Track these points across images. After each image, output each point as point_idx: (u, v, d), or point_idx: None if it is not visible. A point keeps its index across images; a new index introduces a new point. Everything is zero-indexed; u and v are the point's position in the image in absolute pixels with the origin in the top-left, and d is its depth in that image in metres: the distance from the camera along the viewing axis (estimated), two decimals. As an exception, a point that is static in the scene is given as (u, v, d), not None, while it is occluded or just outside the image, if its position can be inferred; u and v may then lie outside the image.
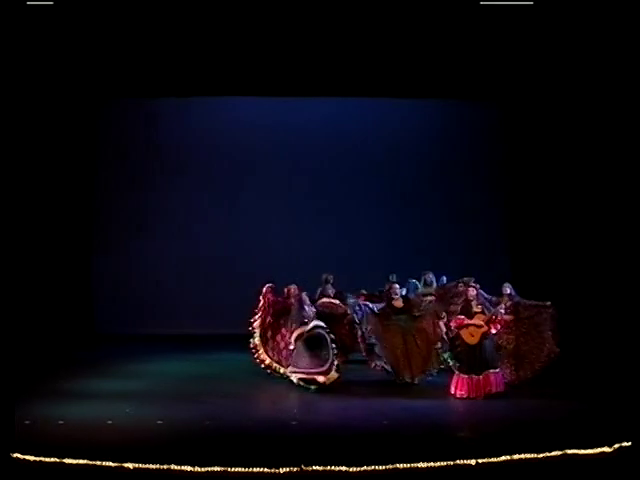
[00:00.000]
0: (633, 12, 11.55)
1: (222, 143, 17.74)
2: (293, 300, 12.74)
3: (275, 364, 12.71)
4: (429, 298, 12.67)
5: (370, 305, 12.62)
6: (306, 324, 12.16)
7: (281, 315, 12.83)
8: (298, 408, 10.99)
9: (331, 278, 13.79)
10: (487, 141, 17.85)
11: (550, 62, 14.19)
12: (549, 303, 12.32)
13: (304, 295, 12.74)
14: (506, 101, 17.06)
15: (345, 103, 17.33)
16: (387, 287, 13.01)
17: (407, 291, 13.50)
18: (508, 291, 12.47)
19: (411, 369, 12.27)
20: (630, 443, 8.94)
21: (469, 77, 15.11)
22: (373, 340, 12.25)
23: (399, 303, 12.60)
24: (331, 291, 13.59)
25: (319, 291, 13.62)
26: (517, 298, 12.49)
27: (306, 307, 12.44)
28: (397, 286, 12.78)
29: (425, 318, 12.44)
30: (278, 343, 12.76)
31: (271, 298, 12.83)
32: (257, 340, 12.73)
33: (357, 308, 12.47)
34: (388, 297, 12.70)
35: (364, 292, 13.88)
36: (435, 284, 13.82)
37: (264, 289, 12.83)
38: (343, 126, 17.77)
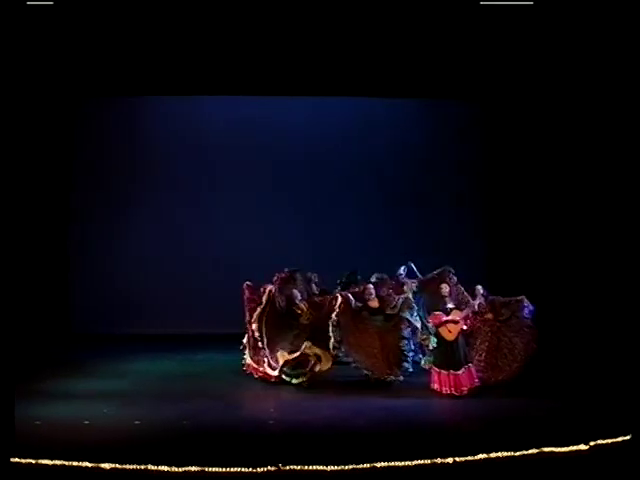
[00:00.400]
0: (627, 14, 11.64)
1: (200, 142, 17.62)
2: (278, 300, 12.74)
3: (253, 364, 12.66)
4: (403, 296, 12.45)
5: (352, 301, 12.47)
6: (295, 351, 12.17)
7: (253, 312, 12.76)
8: (276, 407, 10.96)
9: (315, 277, 13.63)
10: (468, 139, 17.83)
11: (533, 62, 14.21)
12: (522, 297, 12.31)
13: (295, 292, 12.69)
14: (488, 100, 17.07)
15: (326, 102, 17.26)
16: (361, 288, 12.77)
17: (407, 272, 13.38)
18: (481, 292, 12.45)
19: (390, 366, 12.15)
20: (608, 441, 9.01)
21: (452, 77, 15.09)
22: (341, 353, 12.20)
23: (375, 303, 12.47)
24: (316, 290, 13.47)
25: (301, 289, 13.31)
26: (491, 297, 12.48)
27: (297, 302, 12.51)
28: (371, 286, 12.60)
29: (395, 316, 12.26)
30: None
31: (248, 296, 12.80)
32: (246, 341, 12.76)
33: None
34: (363, 298, 12.51)
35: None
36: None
37: (244, 287, 12.84)
38: (323, 125, 17.70)
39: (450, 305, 11.92)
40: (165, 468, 8.13)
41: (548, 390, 11.91)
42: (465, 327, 11.83)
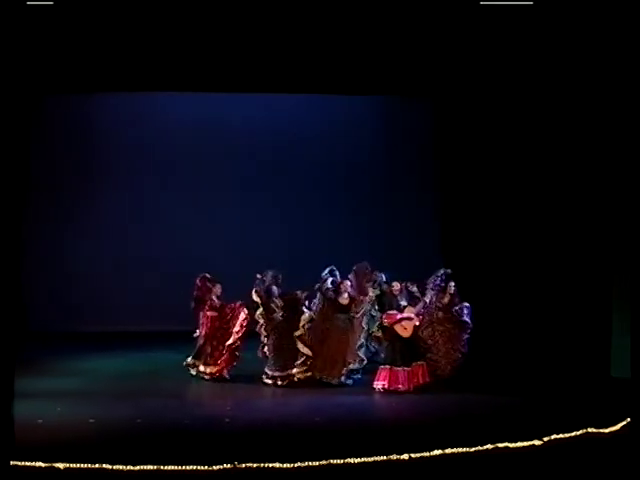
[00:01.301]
0: (627, 14, 11.65)
1: (161, 141, 17.38)
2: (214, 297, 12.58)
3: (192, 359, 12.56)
4: (369, 298, 12.27)
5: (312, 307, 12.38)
6: None
7: (199, 303, 12.65)
8: (232, 405, 10.84)
9: (279, 277, 12.72)
10: (420, 135, 17.87)
11: (487, 59, 14.27)
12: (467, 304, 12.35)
13: (274, 288, 12.33)
14: (442, 96, 17.08)
15: (276, 99, 17.15)
16: (338, 282, 12.46)
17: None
18: (452, 290, 12.39)
19: (333, 370, 12.00)
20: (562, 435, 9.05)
21: (403, 73, 15.07)
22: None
23: (345, 301, 12.27)
24: (276, 291, 12.58)
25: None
26: (457, 299, 12.46)
27: (274, 299, 12.27)
28: (348, 283, 12.35)
29: (358, 318, 12.10)
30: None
31: (198, 284, 12.68)
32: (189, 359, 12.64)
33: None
34: (336, 293, 12.29)
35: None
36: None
37: (197, 280, 12.71)
38: (279, 123, 17.62)
39: (403, 302, 11.91)
40: (121, 467, 8.01)
41: (499, 385, 11.96)
42: (418, 323, 11.83)
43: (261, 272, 12.51)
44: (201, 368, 12.43)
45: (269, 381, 12.03)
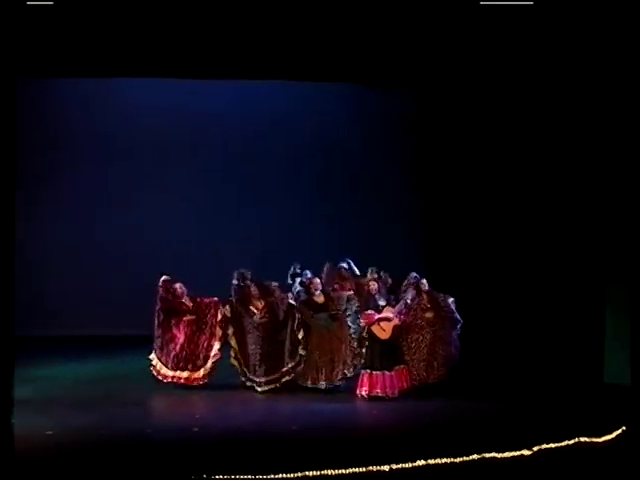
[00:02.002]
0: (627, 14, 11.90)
1: (117, 128, 17.27)
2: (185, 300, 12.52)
3: (163, 367, 12.45)
4: (347, 292, 12.36)
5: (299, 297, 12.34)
6: None
7: (170, 314, 12.52)
8: (201, 413, 10.84)
9: (249, 274, 12.75)
10: (402, 127, 17.89)
11: (471, 52, 14.41)
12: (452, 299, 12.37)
13: (254, 288, 12.30)
14: (424, 89, 17.13)
15: (247, 86, 17.10)
16: (306, 281, 12.53)
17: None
18: (426, 287, 12.40)
19: (322, 374, 12.01)
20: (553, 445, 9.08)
21: (385, 63, 15.12)
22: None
23: (320, 299, 12.24)
24: (255, 291, 12.47)
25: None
26: (435, 294, 12.45)
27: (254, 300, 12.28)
28: (318, 281, 12.34)
29: (341, 316, 12.09)
30: (166, 343, 12.49)
31: (162, 294, 12.53)
32: (153, 355, 12.50)
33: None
34: (308, 293, 12.30)
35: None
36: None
37: (159, 283, 12.58)
38: (252, 112, 17.56)
39: (381, 302, 11.89)
40: (79, 482, 7.95)
41: (485, 392, 12.02)
42: (399, 323, 11.81)
43: (240, 272, 12.50)
44: (179, 374, 12.31)
45: (260, 388, 12.03)
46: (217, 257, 16.36)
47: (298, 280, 12.71)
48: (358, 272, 13.30)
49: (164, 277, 12.61)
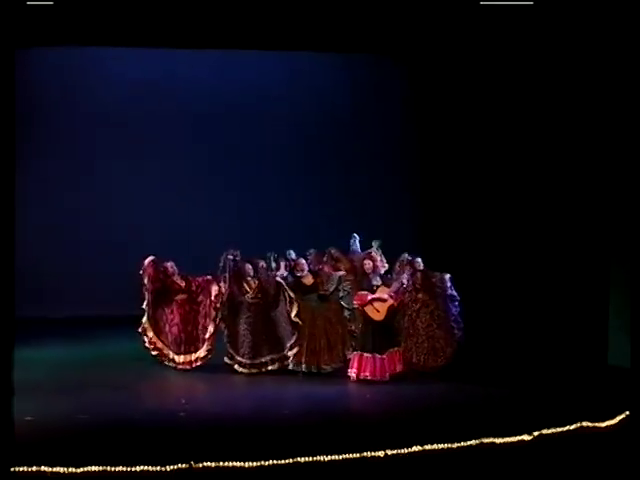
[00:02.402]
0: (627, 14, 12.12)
1: (90, 101, 17.10)
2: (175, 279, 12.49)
3: (165, 348, 12.43)
4: (340, 272, 12.23)
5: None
6: None
7: (162, 294, 12.52)
8: (187, 398, 10.74)
9: (238, 254, 12.68)
10: (396, 100, 17.83)
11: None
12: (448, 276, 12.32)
13: (248, 266, 12.27)
14: (418, 57, 17.10)
15: (241, 56, 16.99)
16: (291, 263, 12.47)
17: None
18: (421, 267, 12.34)
19: (318, 358, 11.98)
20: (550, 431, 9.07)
21: (377, 30, 15.09)
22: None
23: (309, 279, 12.20)
24: (250, 270, 12.45)
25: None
26: (429, 274, 12.40)
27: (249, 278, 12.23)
28: (304, 261, 12.29)
29: (333, 298, 12.09)
30: (162, 325, 12.50)
31: (152, 273, 12.50)
32: (145, 321, 12.47)
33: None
34: (294, 275, 12.25)
35: None
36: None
37: (145, 263, 12.53)
38: (237, 82, 17.45)
39: (375, 282, 11.83)
40: (61, 469, 7.88)
41: (483, 375, 11.99)
42: (395, 304, 11.77)
43: (232, 250, 12.46)
44: (177, 358, 12.38)
45: (240, 369, 12.05)
46: (199, 237, 16.34)
47: (283, 265, 12.59)
48: (360, 250, 13.17)
49: (151, 257, 12.58)
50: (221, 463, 8.09)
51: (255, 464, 8.11)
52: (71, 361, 12.82)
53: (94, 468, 7.92)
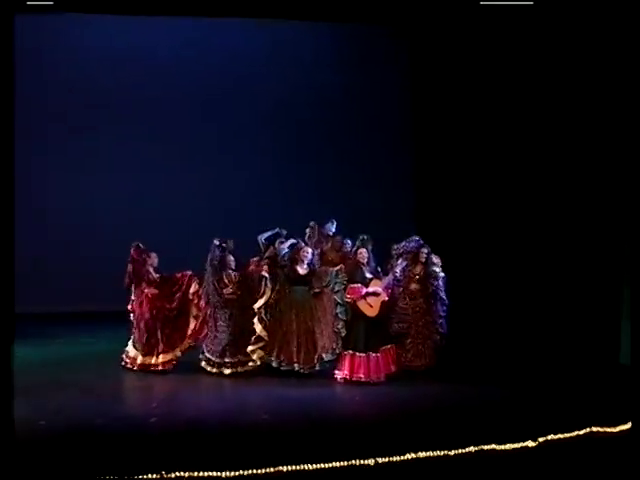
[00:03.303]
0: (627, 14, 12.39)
1: (69, 72, 17.07)
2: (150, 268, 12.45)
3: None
4: (336, 268, 12.05)
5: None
6: None
7: (136, 281, 12.52)
8: (159, 402, 10.72)
9: (231, 243, 12.62)
10: (392, 75, 17.88)
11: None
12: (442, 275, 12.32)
13: (230, 258, 12.23)
14: (415, 27, 17.15)
15: (222, 25, 16.91)
16: (297, 247, 12.29)
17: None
18: (424, 258, 12.24)
19: (299, 356, 11.90)
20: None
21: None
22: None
23: (304, 270, 12.08)
24: (232, 262, 12.41)
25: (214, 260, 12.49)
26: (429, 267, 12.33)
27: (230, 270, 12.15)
28: (310, 251, 12.18)
29: (325, 294, 11.95)
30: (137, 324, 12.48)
31: (133, 255, 12.50)
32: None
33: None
34: (293, 261, 12.12)
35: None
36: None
37: (132, 250, 12.52)
38: (218, 55, 17.44)
39: (368, 275, 11.74)
40: (19, 479, 7.82)
41: (485, 375, 11.97)
42: (387, 298, 11.69)
43: (222, 239, 12.37)
44: (148, 360, 12.32)
45: (213, 369, 11.98)
46: (186, 221, 16.49)
47: (285, 245, 12.48)
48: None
49: (138, 243, 12.55)
50: (195, 473, 8.04)
51: (233, 474, 8.10)
52: (31, 361, 12.66)
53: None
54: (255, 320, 11.88)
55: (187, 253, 12.59)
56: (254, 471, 8.11)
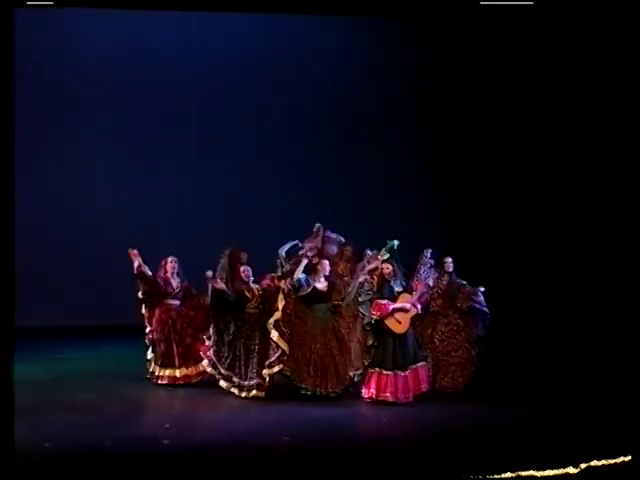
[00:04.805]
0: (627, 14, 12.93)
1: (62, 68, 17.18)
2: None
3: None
4: (360, 278, 11.93)
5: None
6: None
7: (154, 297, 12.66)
8: (171, 422, 10.73)
9: (245, 257, 12.73)
10: (416, 70, 17.98)
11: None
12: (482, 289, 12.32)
13: (248, 269, 12.22)
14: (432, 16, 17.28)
15: (235, 21, 17.00)
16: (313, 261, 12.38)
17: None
18: (450, 269, 12.31)
19: (327, 380, 11.85)
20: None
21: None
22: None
23: (324, 285, 12.03)
24: (246, 273, 12.37)
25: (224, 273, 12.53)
26: (457, 281, 12.39)
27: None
28: (327, 263, 12.13)
29: (346, 307, 12.02)
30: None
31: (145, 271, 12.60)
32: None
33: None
34: (310, 278, 12.07)
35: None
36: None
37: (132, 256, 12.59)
38: (227, 50, 17.48)
39: (397, 288, 11.74)
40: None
41: (522, 395, 11.98)
42: (420, 312, 11.72)
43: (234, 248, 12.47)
44: (170, 372, 12.49)
45: (235, 390, 11.98)
46: (181, 232, 16.53)
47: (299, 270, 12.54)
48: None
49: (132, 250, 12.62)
50: (211, 498, 8.07)
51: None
52: (33, 379, 12.68)
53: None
54: (273, 331, 11.81)
55: (202, 260, 12.59)
56: (273, 498, 8.13)
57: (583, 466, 8.95)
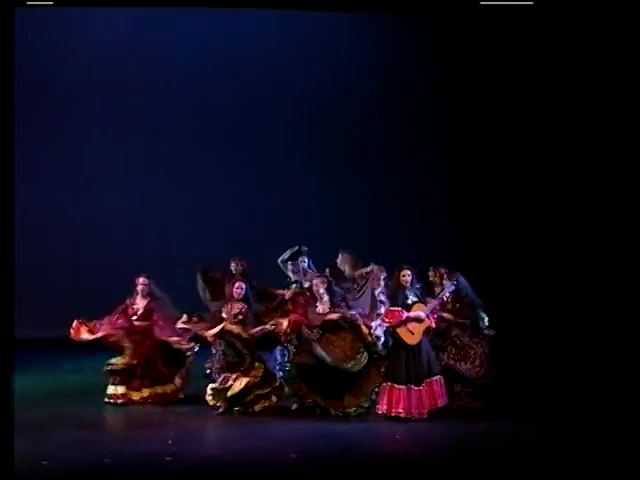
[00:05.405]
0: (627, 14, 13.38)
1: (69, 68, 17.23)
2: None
3: None
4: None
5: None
6: None
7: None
8: (175, 438, 10.67)
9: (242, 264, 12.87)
10: (432, 69, 18.06)
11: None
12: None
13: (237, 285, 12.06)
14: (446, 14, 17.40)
15: (238, 18, 17.01)
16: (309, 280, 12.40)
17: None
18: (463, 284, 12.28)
19: (341, 400, 11.83)
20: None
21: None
22: None
23: (324, 306, 11.94)
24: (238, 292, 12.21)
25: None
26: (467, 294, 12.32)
27: None
28: (320, 282, 12.02)
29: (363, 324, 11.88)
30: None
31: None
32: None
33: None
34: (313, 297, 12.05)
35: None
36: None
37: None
38: (235, 50, 17.54)
39: (412, 298, 11.64)
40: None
41: (542, 411, 11.92)
42: (433, 325, 11.63)
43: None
44: (144, 393, 12.47)
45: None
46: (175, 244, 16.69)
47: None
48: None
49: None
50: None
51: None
52: (28, 394, 12.64)
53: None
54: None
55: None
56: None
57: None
